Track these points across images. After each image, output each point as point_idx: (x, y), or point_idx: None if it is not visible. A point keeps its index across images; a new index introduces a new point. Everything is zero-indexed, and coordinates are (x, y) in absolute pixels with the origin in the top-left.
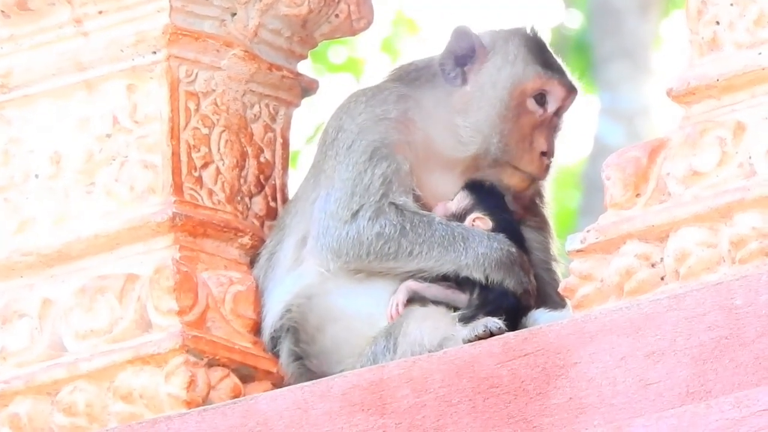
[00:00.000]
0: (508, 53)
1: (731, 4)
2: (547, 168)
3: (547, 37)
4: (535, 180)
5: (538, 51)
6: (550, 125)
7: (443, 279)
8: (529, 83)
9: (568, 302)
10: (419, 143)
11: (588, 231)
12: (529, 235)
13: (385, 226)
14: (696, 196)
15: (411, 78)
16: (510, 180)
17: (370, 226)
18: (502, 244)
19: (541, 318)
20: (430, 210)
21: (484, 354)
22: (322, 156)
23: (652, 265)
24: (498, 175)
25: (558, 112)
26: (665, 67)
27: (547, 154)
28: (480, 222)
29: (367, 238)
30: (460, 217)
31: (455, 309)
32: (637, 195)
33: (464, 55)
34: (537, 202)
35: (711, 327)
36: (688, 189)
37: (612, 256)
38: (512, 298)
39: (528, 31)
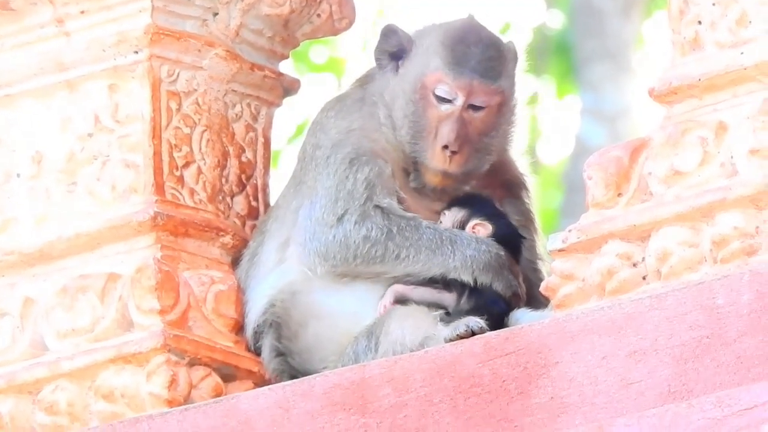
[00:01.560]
0: (423, 46)
1: (713, 4)
2: (454, 162)
3: (527, 37)
4: (448, 175)
5: (451, 44)
6: (460, 119)
7: (431, 282)
8: (428, 77)
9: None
10: (386, 143)
11: (569, 231)
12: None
13: (372, 229)
14: (678, 195)
15: (367, 78)
16: (425, 176)
17: (357, 229)
18: (490, 247)
19: (522, 317)
20: (413, 212)
21: (465, 353)
22: (302, 170)
23: (634, 265)
24: (418, 173)
25: (477, 107)
26: (647, 67)
27: (449, 147)
28: (481, 228)
29: (354, 242)
30: (458, 228)
31: (445, 310)
32: (619, 195)
33: (399, 51)
34: (523, 199)
35: (692, 326)
36: (669, 189)
37: (593, 256)
38: (503, 304)
39: (459, 23)
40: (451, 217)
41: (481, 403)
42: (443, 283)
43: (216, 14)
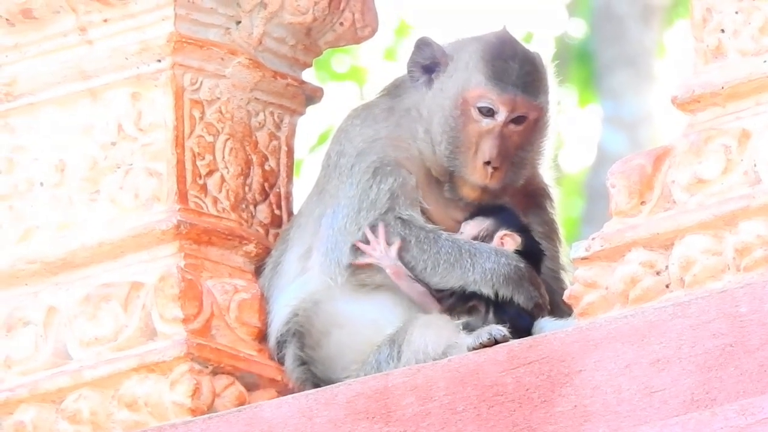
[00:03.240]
0: (462, 60)
1: (736, 12)
2: (494, 177)
3: (548, 46)
4: (486, 190)
5: (491, 59)
6: (501, 135)
7: (453, 295)
8: (470, 93)
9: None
10: (415, 156)
11: (593, 239)
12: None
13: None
14: (701, 203)
15: (398, 89)
16: (461, 190)
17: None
18: (510, 260)
19: (546, 326)
20: (438, 224)
21: (488, 362)
22: (325, 177)
23: (657, 273)
24: (453, 186)
25: (517, 122)
26: (668, 75)
27: (491, 163)
28: (509, 239)
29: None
30: (483, 240)
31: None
32: (642, 203)
33: (432, 64)
34: (547, 209)
35: (716, 335)
36: (692, 197)
37: (617, 264)
38: (526, 318)
39: (494, 36)
40: (476, 226)
41: (504, 412)
42: (465, 296)
43: (239, 22)
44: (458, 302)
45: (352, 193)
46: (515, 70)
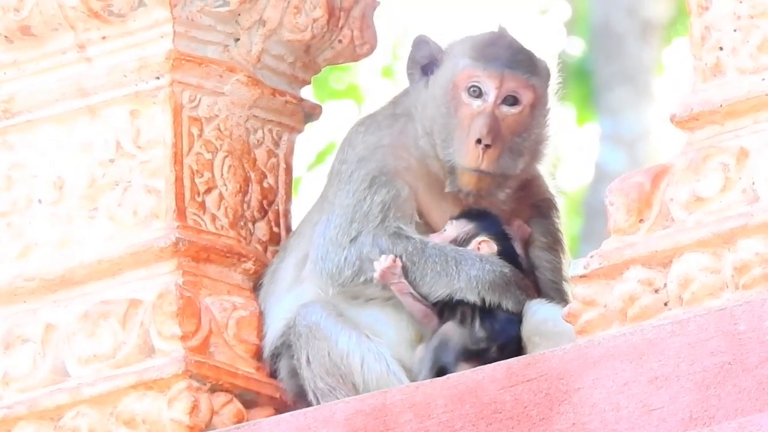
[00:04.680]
0: (453, 52)
1: (734, 30)
2: (487, 157)
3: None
4: (481, 174)
5: (479, 45)
6: (492, 114)
7: (446, 305)
8: (458, 77)
9: (571, 325)
10: (416, 163)
11: (591, 256)
12: (540, 254)
13: (380, 253)
14: (699, 221)
15: (400, 96)
16: (460, 179)
17: (367, 252)
18: (494, 266)
19: (539, 309)
20: (437, 230)
21: (487, 379)
22: (327, 184)
23: (656, 291)
24: (453, 177)
25: (510, 103)
26: (666, 93)
27: (482, 141)
28: (486, 245)
29: (363, 264)
30: (462, 242)
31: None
32: (641, 220)
33: (430, 63)
34: (552, 219)
35: (714, 353)
36: (691, 215)
37: (615, 282)
38: (517, 326)
39: (488, 32)
40: (458, 227)
41: (502, 429)
42: (454, 304)
43: (237, 40)
44: (448, 311)
45: (347, 203)
46: (503, 49)
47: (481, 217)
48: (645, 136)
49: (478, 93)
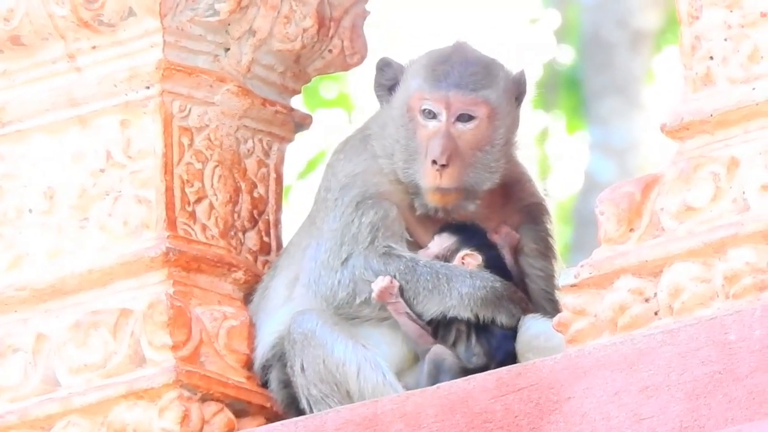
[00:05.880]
0: (409, 71)
1: (725, 39)
2: (445, 176)
3: (537, 73)
4: (443, 191)
5: (432, 63)
6: (447, 134)
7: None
8: (411, 98)
9: (562, 336)
10: (392, 184)
11: (582, 266)
12: (532, 262)
13: (373, 274)
14: (690, 231)
15: (372, 117)
16: (425, 197)
17: (359, 273)
18: (485, 281)
19: (532, 325)
20: (423, 246)
21: (477, 389)
22: (315, 210)
23: (646, 300)
24: (420, 197)
25: (464, 120)
26: (657, 102)
27: (436, 161)
28: (470, 258)
29: (357, 286)
30: (445, 258)
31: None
32: (631, 230)
33: (394, 84)
34: (544, 225)
35: (705, 362)
36: (681, 224)
37: (606, 291)
38: (513, 342)
39: (445, 47)
40: (441, 243)
41: None
42: (449, 321)
43: (227, 50)
44: (443, 331)
45: (335, 227)
46: (453, 68)
47: (461, 230)
48: (635, 145)
49: (432, 114)
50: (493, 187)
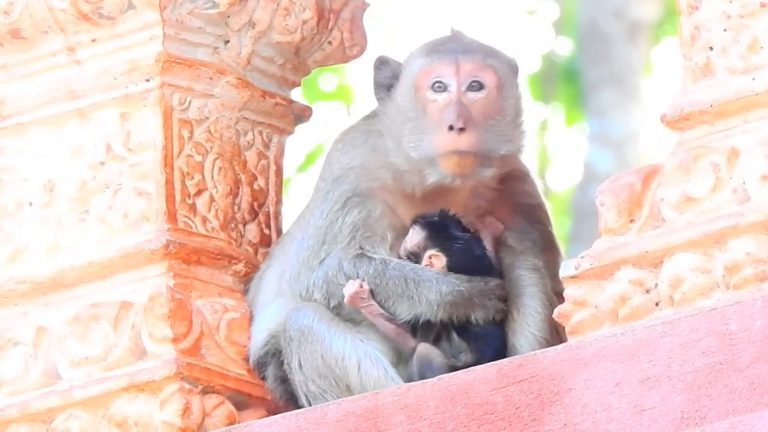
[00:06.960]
0: (409, 62)
1: (724, 30)
2: (463, 138)
3: (536, 64)
4: (462, 155)
5: (433, 44)
6: (460, 102)
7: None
8: (418, 78)
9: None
10: (391, 181)
11: (582, 257)
12: (519, 260)
13: (343, 277)
14: (690, 221)
15: (375, 111)
16: (443, 166)
17: (332, 275)
18: (450, 286)
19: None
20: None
21: (478, 380)
22: (311, 198)
23: (647, 291)
24: (441, 173)
25: (475, 89)
26: (655, 93)
27: (453, 125)
28: (435, 259)
29: (329, 288)
30: (416, 255)
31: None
32: (631, 221)
33: (392, 81)
34: (544, 223)
35: (705, 353)
36: (682, 215)
37: (606, 282)
38: (496, 340)
39: (441, 36)
40: (414, 236)
41: (494, 430)
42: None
43: (227, 42)
44: (422, 328)
45: (321, 224)
46: (455, 42)
47: (429, 225)
48: (633, 137)
49: (442, 87)
50: (509, 154)
